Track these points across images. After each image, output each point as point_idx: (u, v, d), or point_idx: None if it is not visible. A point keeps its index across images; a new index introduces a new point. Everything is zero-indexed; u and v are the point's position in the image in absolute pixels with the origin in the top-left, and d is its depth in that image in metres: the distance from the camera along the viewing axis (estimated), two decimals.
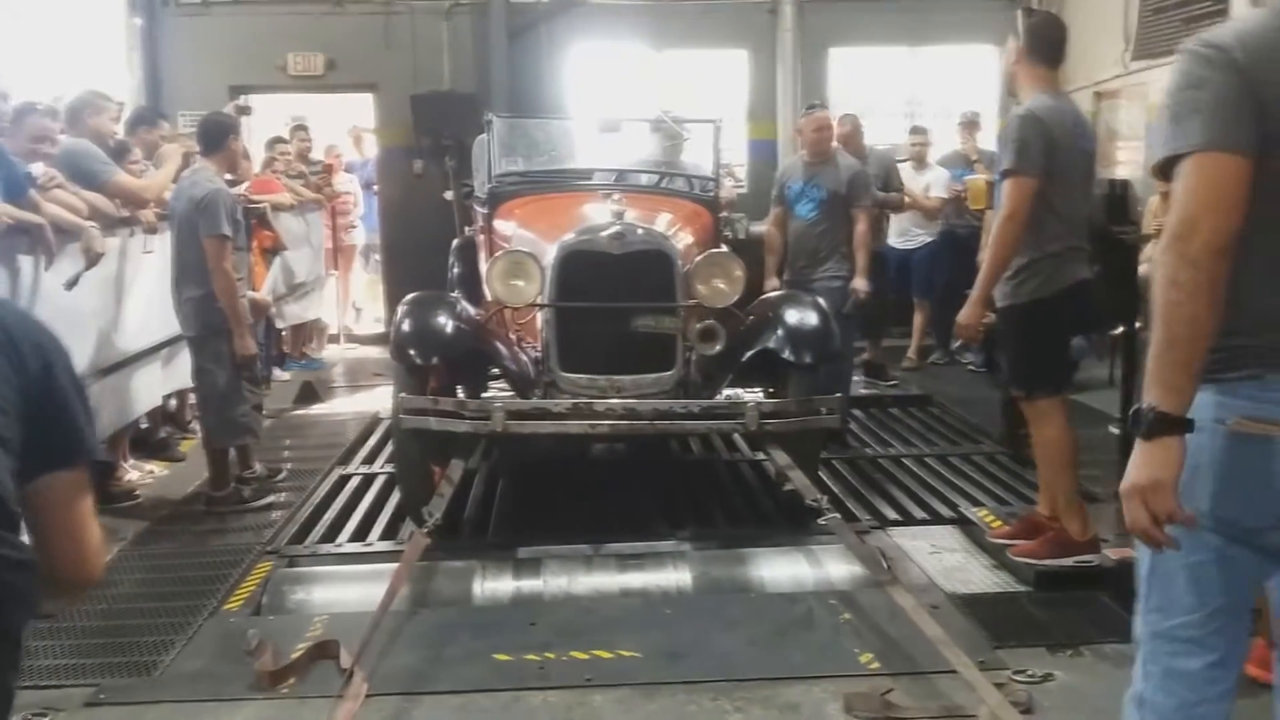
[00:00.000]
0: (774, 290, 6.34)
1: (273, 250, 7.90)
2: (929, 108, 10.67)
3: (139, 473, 5.80)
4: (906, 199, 8.10)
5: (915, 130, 8.93)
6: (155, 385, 5.98)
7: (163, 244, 5.76)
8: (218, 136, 5.36)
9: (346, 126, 11.85)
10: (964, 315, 4.29)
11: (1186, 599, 2.00)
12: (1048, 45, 4.18)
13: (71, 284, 4.79)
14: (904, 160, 8.68)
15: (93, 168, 5.40)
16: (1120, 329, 5.16)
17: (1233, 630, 2.03)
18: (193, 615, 3.99)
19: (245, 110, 8.02)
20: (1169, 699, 2.04)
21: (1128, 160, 9.22)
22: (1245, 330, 1.91)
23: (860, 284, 6.15)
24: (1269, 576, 2.05)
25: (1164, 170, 1.95)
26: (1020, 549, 4.30)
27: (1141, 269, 6.00)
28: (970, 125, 8.95)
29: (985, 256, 4.28)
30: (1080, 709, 3.23)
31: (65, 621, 3.97)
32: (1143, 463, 1.89)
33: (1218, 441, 1.91)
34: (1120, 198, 7.78)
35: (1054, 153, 3.98)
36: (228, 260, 5.08)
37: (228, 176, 5.65)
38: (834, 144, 6.48)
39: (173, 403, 6.56)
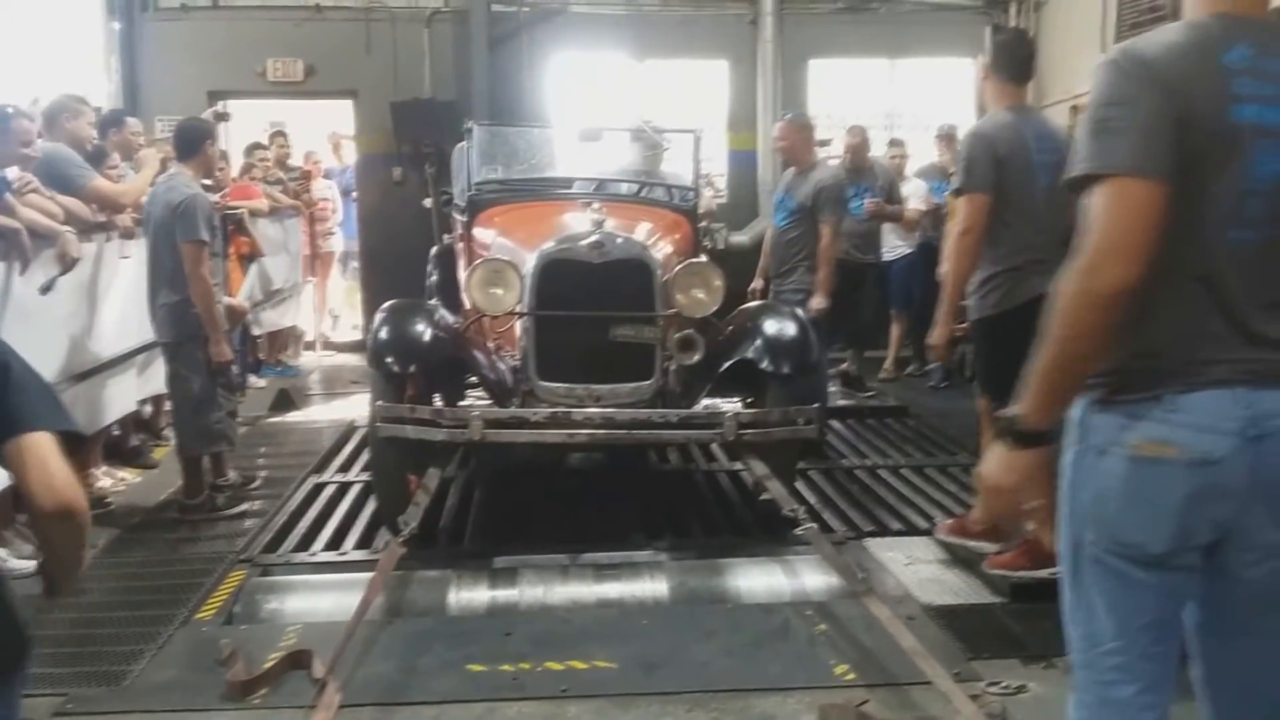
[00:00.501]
0: (755, 290, 6.36)
1: (250, 256, 7.87)
2: (907, 119, 10.73)
3: (111, 480, 5.74)
4: (910, 210, 8.14)
5: (893, 142, 8.98)
6: (129, 391, 5.93)
7: (140, 249, 5.72)
8: (194, 142, 5.33)
9: (326, 133, 11.81)
10: (934, 335, 4.42)
11: (1109, 626, 1.99)
12: (1015, 62, 4.28)
13: (46, 289, 4.74)
14: None
15: (69, 172, 5.36)
16: None
17: (1160, 654, 2.00)
18: (164, 624, 3.96)
19: (223, 117, 7.99)
20: None
21: None
22: (1145, 353, 1.91)
23: (816, 301, 6.06)
24: (1187, 600, 2.02)
25: (1078, 186, 1.91)
26: (995, 561, 4.32)
27: None
28: (948, 138, 8.99)
29: (946, 271, 4.36)
30: None
31: (34, 630, 3.92)
32: (998, 464, 1.99)
33: (1120, 465, 1.92)
34: None
35: (1002, 169, 4.08)
36: (205, 265, 5.06)
37: (205, 181, 5.62)
38: (817, 154, 6.49)
39: (147, 409, 6.51)
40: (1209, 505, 1.89)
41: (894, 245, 8.40)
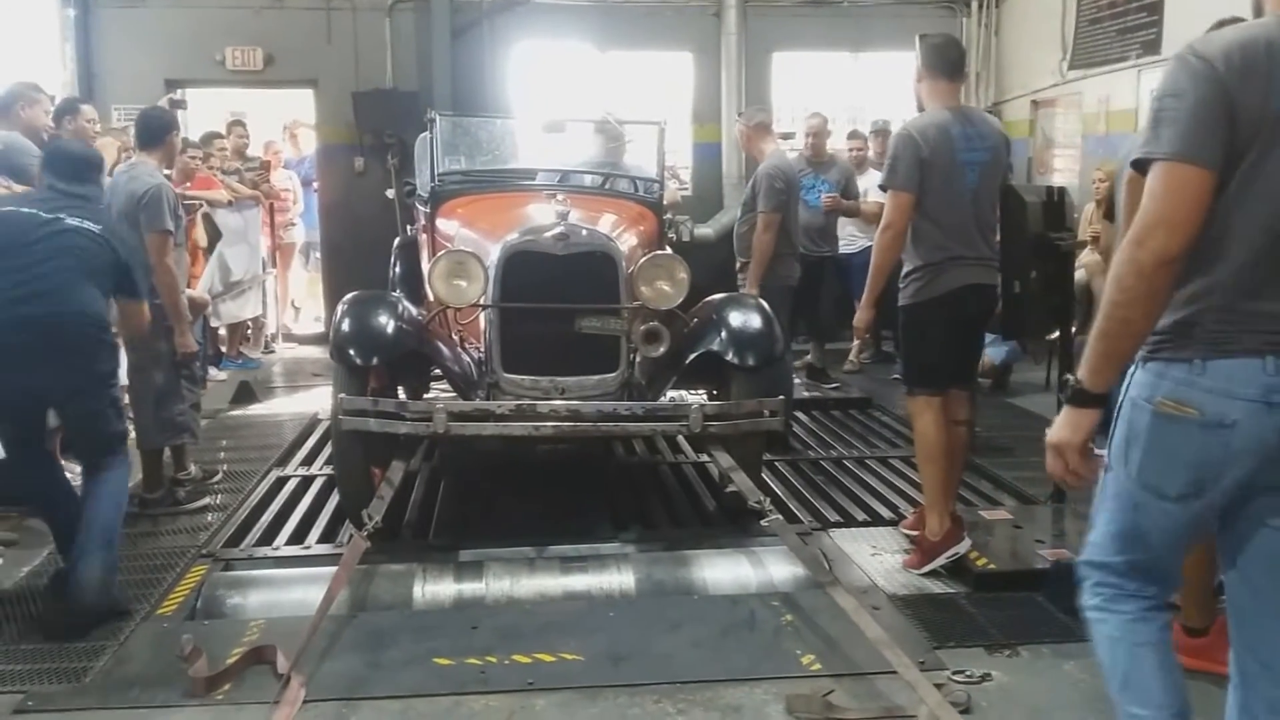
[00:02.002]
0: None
1: (208, 247, 7.79)
2: (870, 113, 10.78)
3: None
4: (867, 205, 8.20)
5: (853, 135, 9.01)
6: None
7: None
8: (158, 131, 5.25)
9: (285, 122, 11.67)
10: (857, 318, 4.79)
11: (1124, 538, 2.28)
12: (947, 63, 4.40)
13: None
14: None
15: (23, 162, 5.27)
16: (1056, 334, 5.25)
17: (1166, 567, 2.30)
18: (124, 620, 3.90)
19: (180, 104, 7.88)
20: (1113, 629, 2.32)
21: (1064, 168, 9.39)
22: (1188, 319, 2.12)
23: (747, 291, 6.07)
24: (1199, 529, 2.29)
25: (1140, 167, 2.14)
26: (907, 561, 4.46)
27: (1078, 274, 6.10)
28: (882, 133, 9.04)
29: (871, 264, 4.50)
30: (1017, 708, 3.27)
31: None
32: (1062, 424, 2.24)
33: (1147, 416, 2.17)
34: (1057, 205, 7.92)
35: (927, 169, 4.19)
36: (169, 256, 4.99)
37: (166, 171, 5.55)
38: (767, 147, 6.51)
39: None
40: (1223, 464, 2.11)
41: (853, 237, 8.45)
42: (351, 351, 4.60)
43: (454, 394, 4.92)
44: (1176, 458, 2.13)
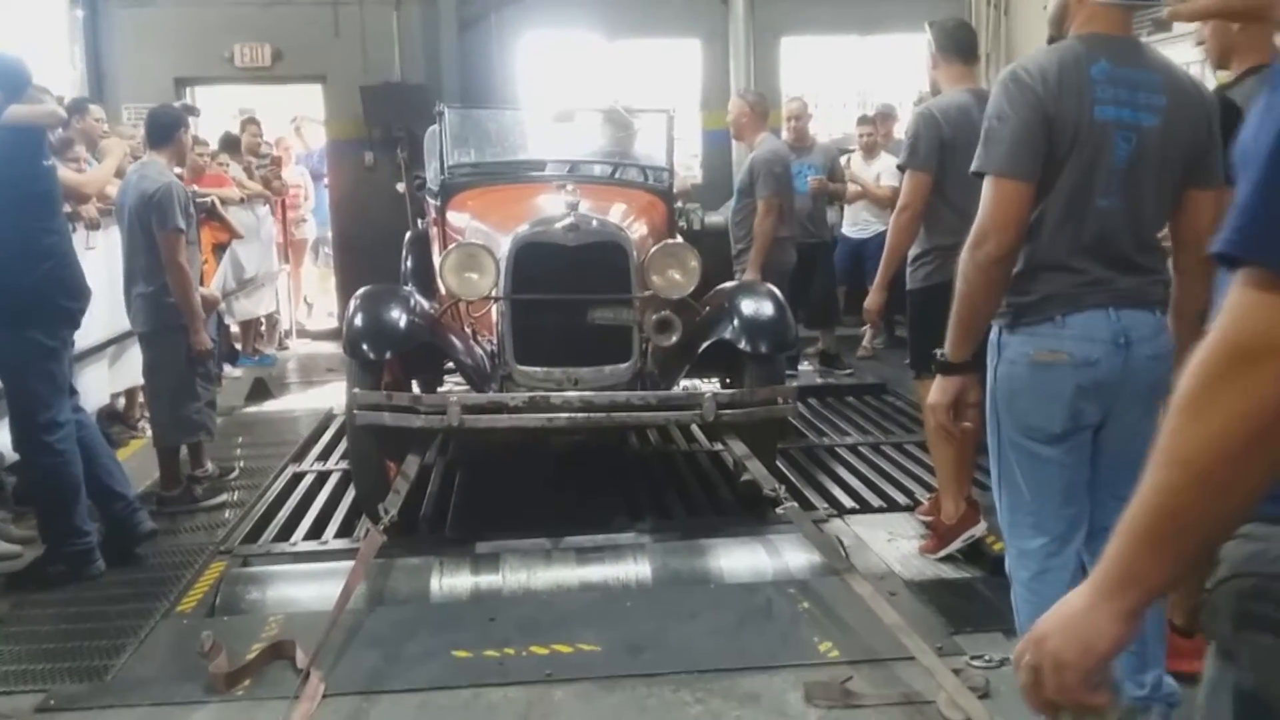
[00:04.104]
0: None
1: (223, 245, 7.81)
2: (880, 96, 10.72)
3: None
4: (854, 188, 8.16)
5: (862, 120, 8.95)
6: (102, 384, 5.88)
7: (105, 239, 5.66)
8: (167, 129, 5.26)
9: (292, 117, 11.69)
10: (868, 301, 4.75)
11: (1025, 493, 2.67)
12: (959, 44, 4.38)
13: None
14: (852, 150, 8.74)
15: None
16: None
17: (1066, 516, 2.65)
18: (144, 618, 3.93)
19: (192, 110, 7.89)
20: (1023, 571, 2.73)
21: None
22: (1042, 289, 2.55)
23: (746, 276, 6.06)
24: (1084, 470, 2.65)
25: (978, 175, 2.57)
26: (924, 546, 4.45)
27: None
28: (885, 116, 8.99)
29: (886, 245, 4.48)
30: None
31: (14, 626, 3.90)
32: (935, 389, 2.74)
33: (1025, 371, 2.58)
34: None
35: (947, 149, 4.16)
36: (182, 254, 5.01)
37: (177, 170, 5.56)
38: (762, 132, 6.49)
39: (120, 401, 6.45)
40: (1092, 395, 2.55)
41: (869, 222, 8.41)
42: (365, 346, 4.60)
43: (467, 387, 4.92)
44: (1056, 397, 2.55)
